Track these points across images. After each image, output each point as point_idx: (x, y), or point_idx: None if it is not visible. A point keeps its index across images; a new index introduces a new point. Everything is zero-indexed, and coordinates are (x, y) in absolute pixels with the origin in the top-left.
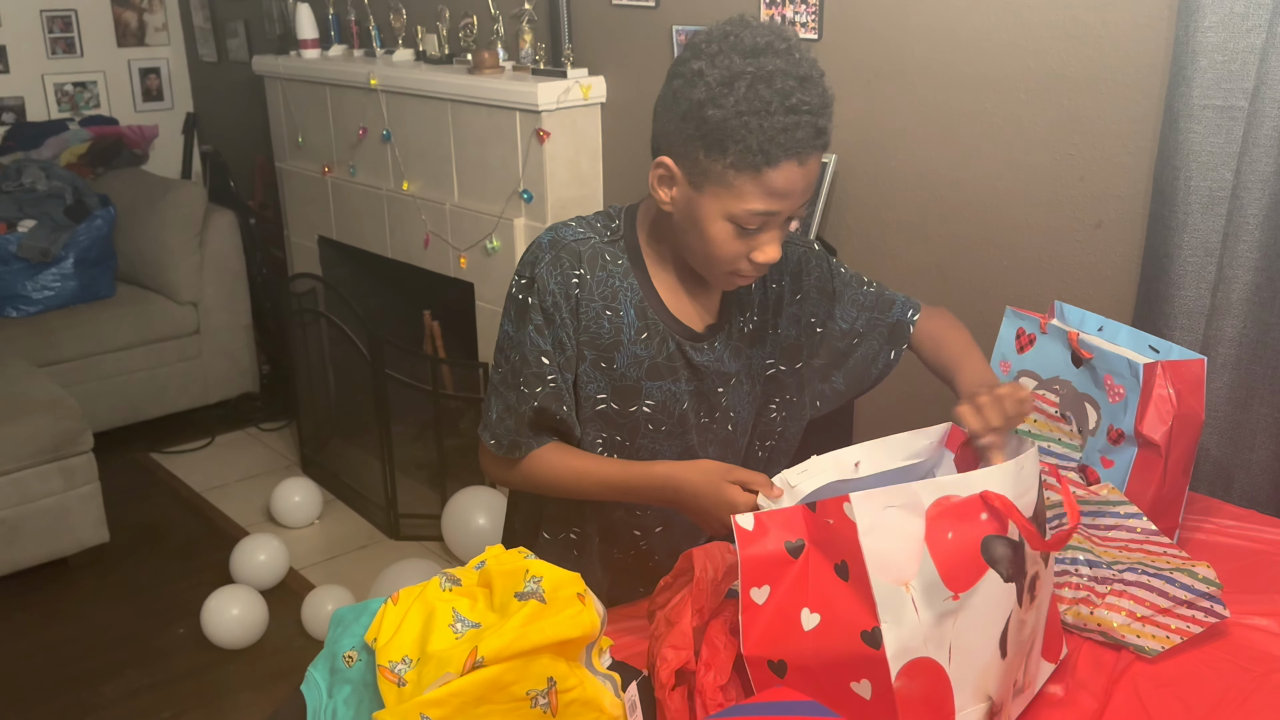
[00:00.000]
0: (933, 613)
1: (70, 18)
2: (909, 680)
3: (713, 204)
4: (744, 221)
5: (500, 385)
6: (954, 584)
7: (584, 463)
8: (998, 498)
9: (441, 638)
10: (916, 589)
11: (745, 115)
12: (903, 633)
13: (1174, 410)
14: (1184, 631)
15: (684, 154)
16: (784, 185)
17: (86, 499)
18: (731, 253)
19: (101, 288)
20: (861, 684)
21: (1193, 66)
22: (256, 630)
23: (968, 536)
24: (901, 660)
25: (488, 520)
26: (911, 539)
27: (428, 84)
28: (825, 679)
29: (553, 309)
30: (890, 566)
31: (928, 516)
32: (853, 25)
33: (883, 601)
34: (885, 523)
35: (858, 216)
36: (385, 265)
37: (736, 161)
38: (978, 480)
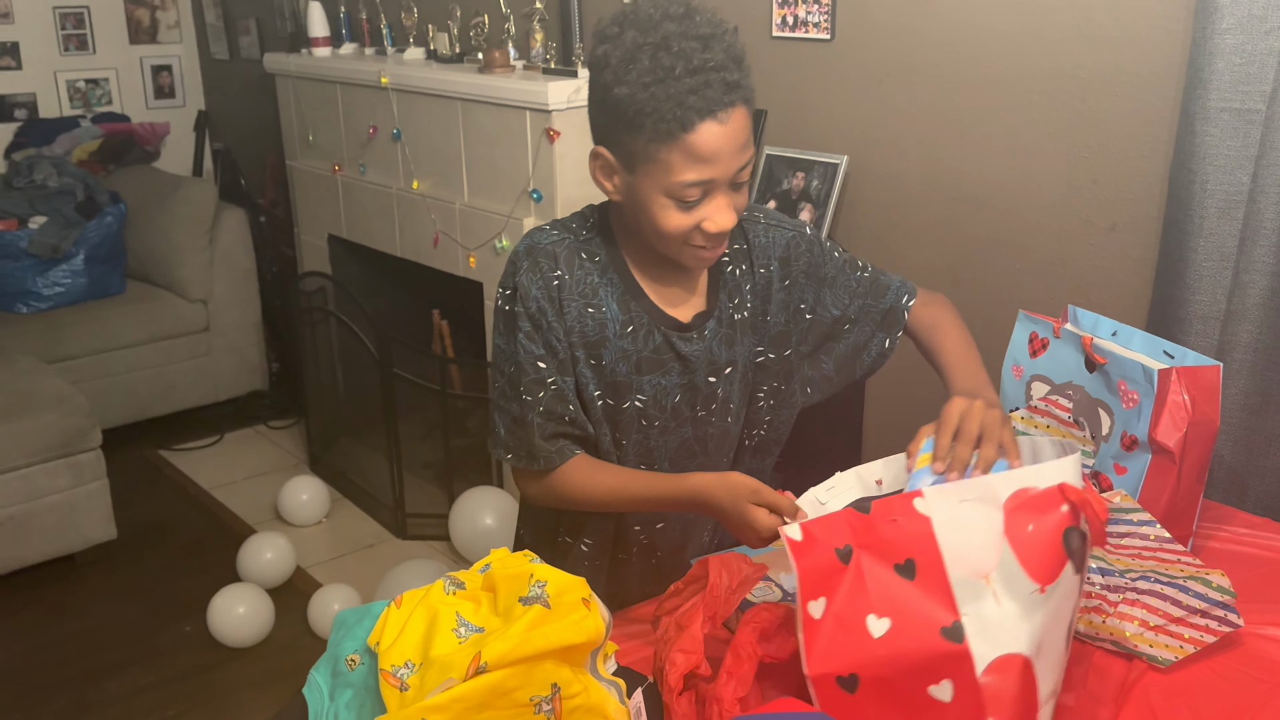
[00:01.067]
0: (1017, 605)
1: (83, 15)
2: (998, 677)
3: (648, 182)
4: (681, 194)
5: (502, 400)
6: (1039, 576)
7: (614, 478)
8: (1074, 490)
9: (445, 642)
10: (997, 581)
11: (651, 87)
12: (987, 625)
13: (1189, 417)
14: (1198, 641)
15: (611, 140)
16: (708, 148)
17: (94, 496)
18: (680, 228)
19: (111, 284)
20: (941, 686)
21: (1210, 69)
22: (263, 629)
23: (1049, 528)
24: (988, 653)
25: (495, 520)
26: (991, 532)
27: (438, 83)
28: (902, 686)
29: (538, 314)
30: (968, 559)
31: (1005, 509)
32: (865, 25)
33: (962, 595)
34: (962, 516)
35: (868, 217)
36: (394, 264)
37: (654, 135)
38: (1053, 472)
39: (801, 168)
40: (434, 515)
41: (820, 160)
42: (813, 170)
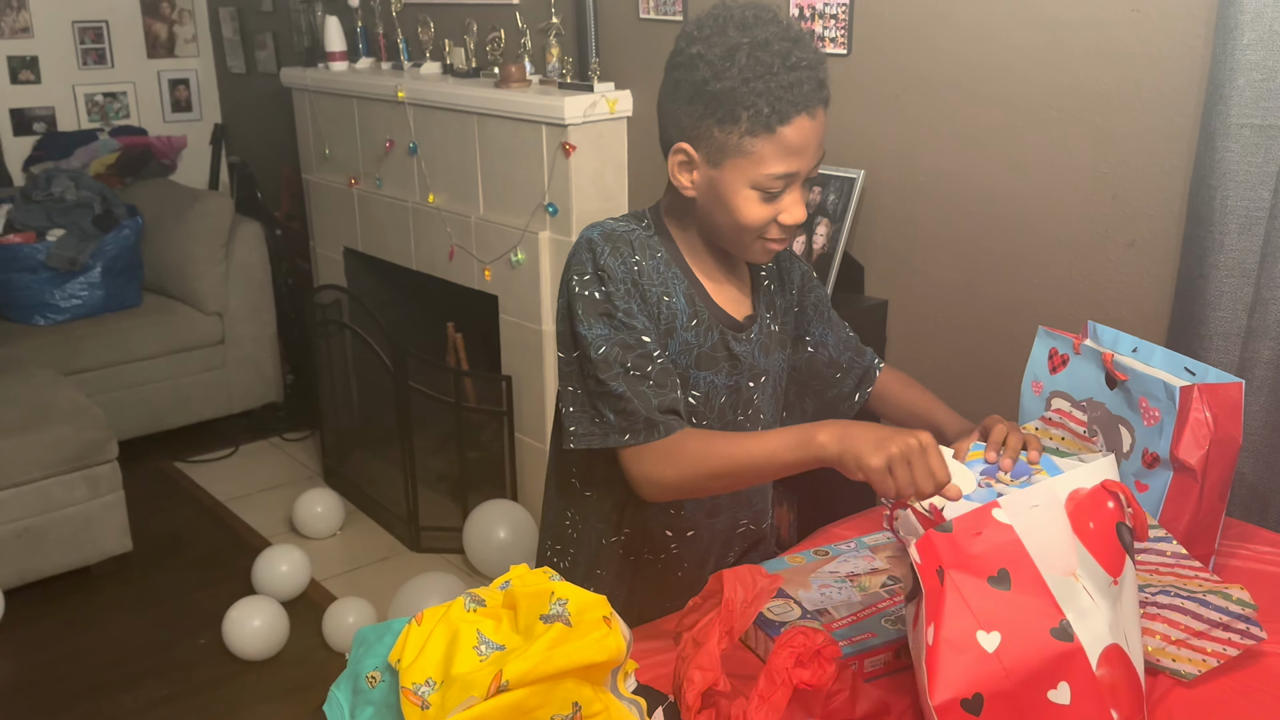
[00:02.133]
0: (1105, 599)
1: (101, 29)
2: (1109, 669)
3: (734, 176)
4: (767, 186)
5: (595, 385)
6: (1111, 569)
7: (732, 438)
8: (1117, 485)
9: (466, 660)
10: (1084, 577)
11: (751, 81)
12: (1089, 620)
13: (1211, 434)
14: (1220, 655)
15: (698, 135)
16: (799, 141)
17: (110, 508)
18: (760, 219)
19: (128, 297)
20: (1060, 689)
21: (1230, 85)
22: (277, 642)
23: (1105, 524)
24: (1097, 647)
25: (509, 533)
26: (1064, 532)
27: (455, 97)
28: (1024, 698)
29: (634, 289)
30: (1054, 560)
31: (1068, 510)
32: (882, 41)
33: (1060, 594)
34: (1036, 521)
35: (885, 233)
36: (410, 277)
37: (751, 127)
38: (1094, 472)
39: (818, 182)
40: (448, 528)
41: (837, 175)
42: (829, 184)
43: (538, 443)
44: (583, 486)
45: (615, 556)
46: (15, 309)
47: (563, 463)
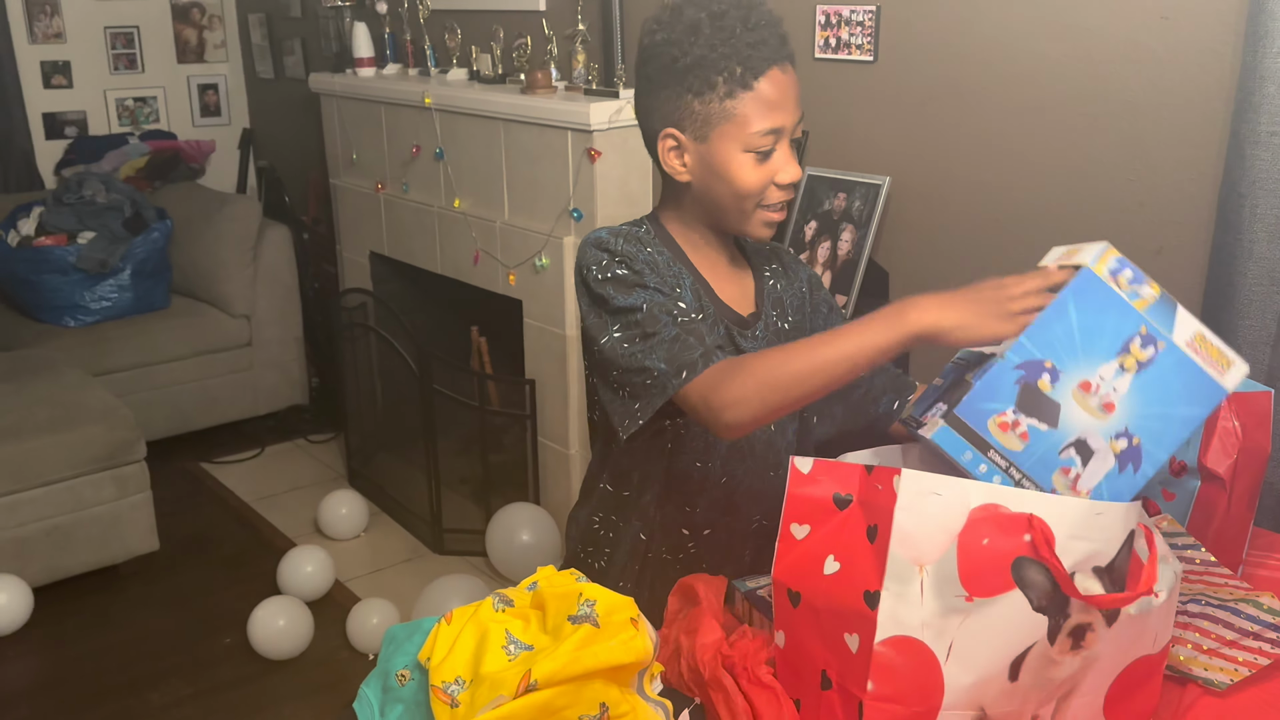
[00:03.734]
0: (939, 603)
1: (133, 34)
2: (893, 652)
3: (724, 144)
4: (757, 145)
5: (642, 341)
6: (970, 586)
7: (805, 344)
8: (1042, 526)
9: (495, 659)
10: (929, 574)
11: (718, 46)
12: (900, 607)
13: (1239, 443)
14: (1252, 664)
15: (681, 114)
16: (776, 94)
17: (138, 507)
18: (758, 182)
19: (157, 299)
20: (853, 637)
21: (1260, 93)
22: (302, 642)
23: (1002, 549)
24: (890, 630)
25: (531, 536)
26: (945, 530)
27: (481, 103)
28: (827, 621)
29: (653, 271)
30: (912, 545)
31: (970, 516)
32: (908, 47)
33: (893, 572)
34: (924, 507)
35: (911, 239)
36: (435, 281)
37: (729, 89)
38: (1031, 501)
39: (843, 188)
40: (471, 530)
41: (862, 181)
42: (855, 191)
43: (560, 446)
44: (616, 488)
45: (657, 560)
46: (46, 310)
47: (592, 471)
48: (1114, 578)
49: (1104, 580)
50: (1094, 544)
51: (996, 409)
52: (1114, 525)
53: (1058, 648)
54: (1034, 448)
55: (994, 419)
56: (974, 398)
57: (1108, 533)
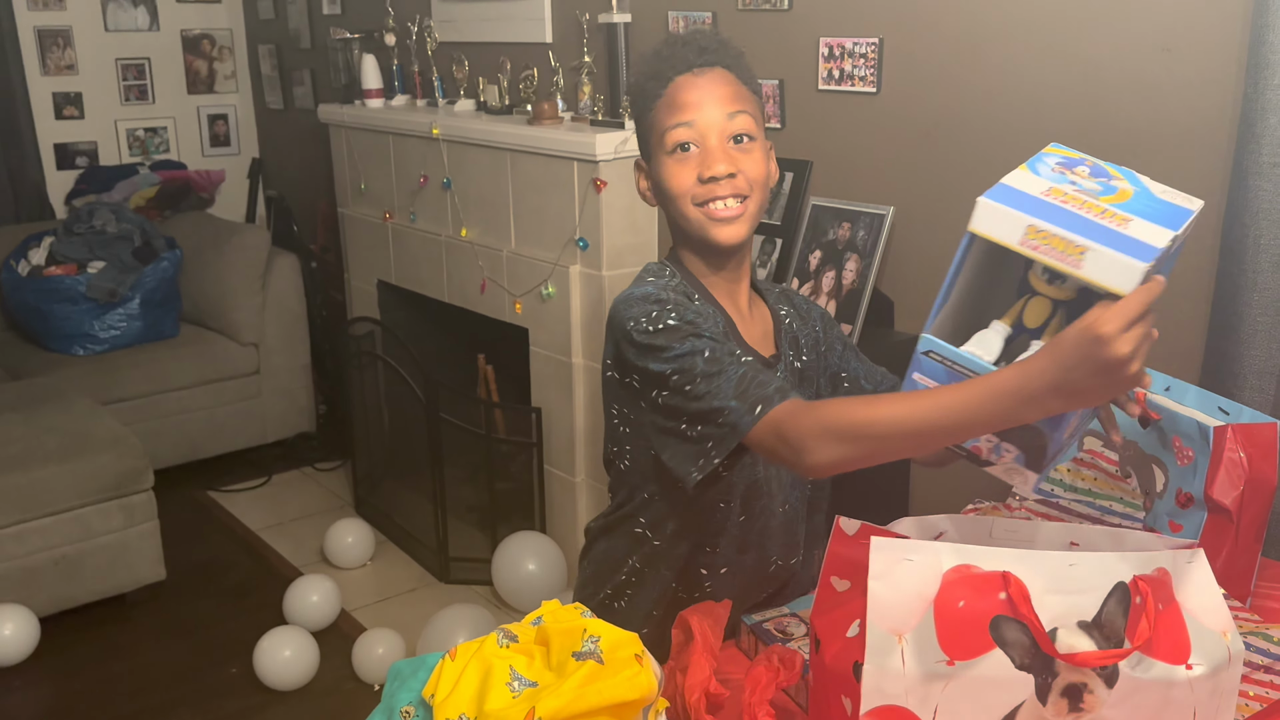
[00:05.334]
0: (921, 670)
1: (144, 66)
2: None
3: (658, 157)
4: (670, 142)
5: (717, 387)
6: (951, 650)
7: (916, 394)
8: (1017, 583)
9: (499, 696)
10: (909, 642)
11: (644, 68)
12: (883, 678)
13: (1245, 475)
14: (1264, 699)
15: (640, 145)
16: (684, 97)
17: (145, 536)
18: (685, 182)
19: (166, 328)
20: (847, 701)
21: (1262, 123)
22: (308, 672)
23: (979, 609)
24: (874, 701)
25: (537, 566)
26: (920, 596)
27: (488, 134)
28: (833, 680)
29: (697, 315)
30: (890, 615)
31: (944, 580)
32: (911, 79)
33: (873, 645)
34: (898, 573)
35: (916, 268)
36: (442, 310)
37: (646, 105)
38: (1003, 558)
39: (848, 218)
40: (477, 559)
41: (866, 211)
42: (859, 221)
43: (566, 475)
44: (653, 535)
45: (671, 599)
46: (56, 339)
47: (626, 513)
48: (1105, 633)
49: (1093, 636)
50: (1070, 597)
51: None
52: (1090, 576)
53: (1052, 709)
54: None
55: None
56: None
57: (1083, 584)
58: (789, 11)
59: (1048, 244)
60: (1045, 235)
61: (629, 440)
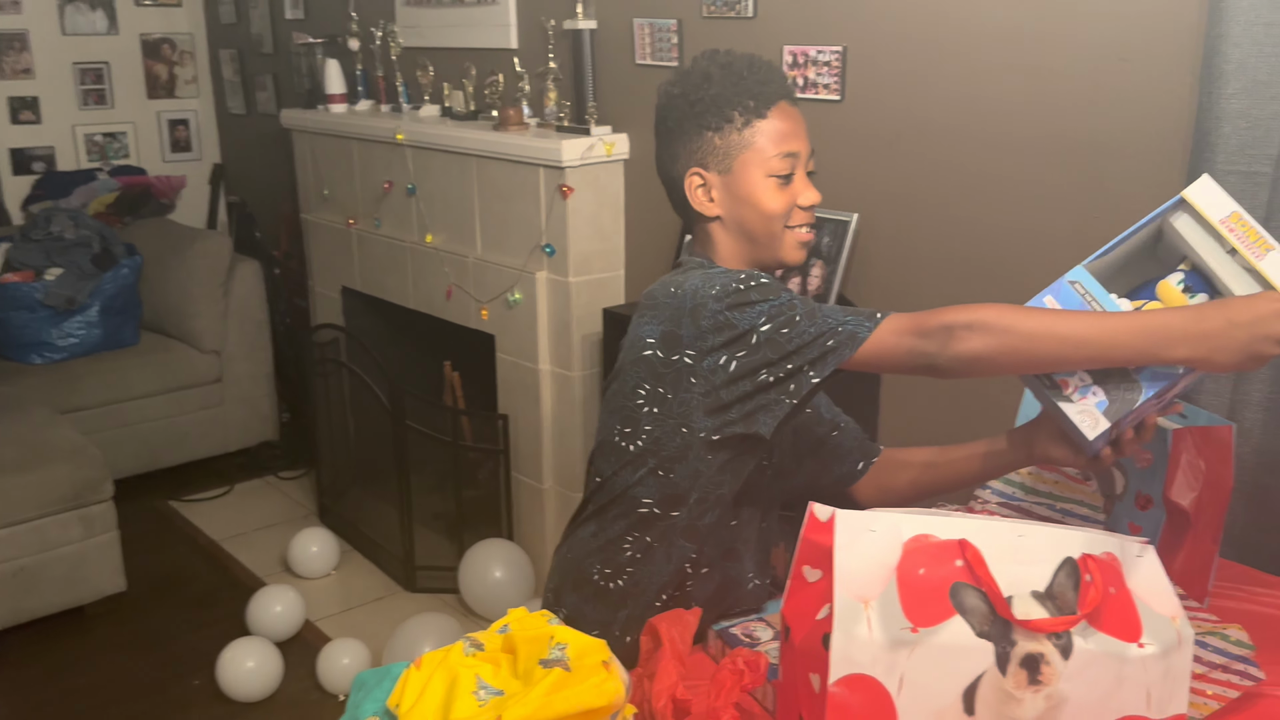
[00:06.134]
0: (887, 637)
1: (102, 70)
2: (847, 691)
3: (747, 171)
4: (777, 168)
5: (817, 315)
6: (914, 617)
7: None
8: (973, 550)
9: (465, 706)
10: (875, 609)
11: (730, 86)
12: (851, 645)
13: (1203, 477)
14: (1221, 697)
15: (703, 153)
16: (788, 124)
17: (105, 547)
18: (782, 205)
19: (126, 336)
20: (815, 676)
21: (1216, 132)
22: (272, 683)
23: (939, 576)
24: (842, 670)
25: (505, 573)
26: (883, 565)
27: (453, 139)
28: (801, 661)
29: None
30: (855, 583)
31: (905, 548)
32: (874, 89)
33: (840, 613)
34: (862, 543)
35: (879, 275)
36: (408, 316)
37: (745, 120)
38: (960, 526)
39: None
40: (444, 568)
41: (831, 218)
42: (824, 227)
43: (534, 482)
44: (664, 509)
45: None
46: (13, 348)
47: (632, 496)
48: (1058, 604)
49: (1046, 605)
50: (1021, 567)
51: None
52: (1039, 548)
53: (1012, 680)
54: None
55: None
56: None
57: (1032, 555)
58: (753, 20)
59: (1243, 230)
60: (1244, 224)
61: (651, 420)
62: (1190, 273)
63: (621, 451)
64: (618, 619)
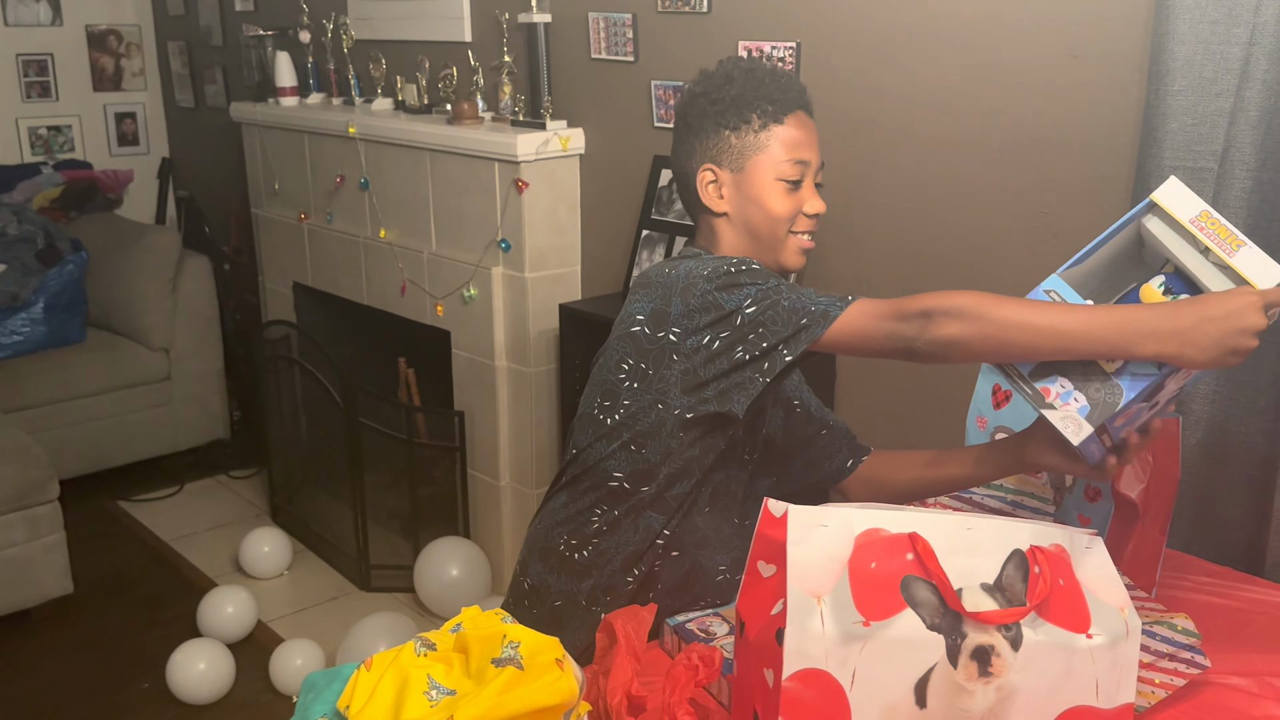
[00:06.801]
0: (839, 631)
1: (46, 62)
2: (801, 686)
3: (759, 173)
4: (789, 174)
5: (796, 296)
6: (866, 610)
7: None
8: (923, 543)
9: (416, 706)
10: (828, 603)
11: (751, 89)
12: (804, 640)
13: (1150, 468)
14: (1169, 686)
15: (718, 150)
16: (802, 133)
17: (51, 549)
18: (789, 210)
19: (72, 333)
20: (769, 672)
21: (1163, 128)
22: (223, 685)
23: (890, 570)
24: (796, 664)
25: (461, 571)
26: (835, 559)
27: (407, 133)
28: (755, 656)
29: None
30: (808, 578)
31: (856, 543)
32: (828, 85)
33: (794, 607)
34: (814, 538)
35: (832, 271)
36: (361, 312)
37: (762, 123)
38: (910, 520)
39: None
40: (399, 567)
41: None
42: None
43: (490, 478)
44: (634, 484)
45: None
46: None
47: (600, 470)
48: (1007, 595)
49: (995, 597)
50: (970, 559)
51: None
52: (987, 540)
53: (963, 672)
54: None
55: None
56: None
57: (981, 547)
58: (708, 14)
59: (1213, 229)
60: (1214, 222)
61: (630, 395)
62: (1172, 275)
63: (599, 424)
64: (582, 589)
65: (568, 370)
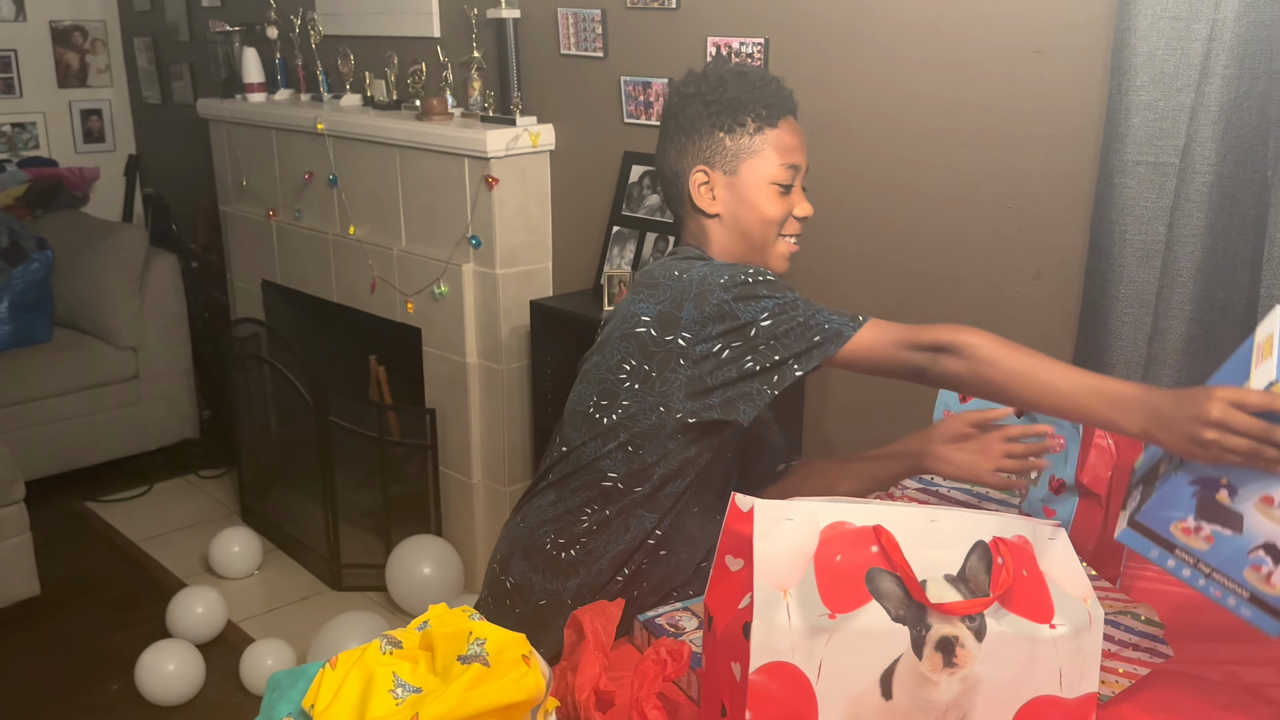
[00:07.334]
0: (805, 624)
1: (9, 58)
2: (768, 679)
3: (751, 176)
4: (781, 178)
5: (811, 311)
6: (831, 603)
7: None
8: (888, 536)
9: (381, 704)
10: (794, 596)
11: (745, 92)
12: (770, 634)
13: (1114, 461)
14: (1132, 675)
15: (711, 151)
16: (794, 137)
17: (17, 551)
18: (781, 212)
19: (38, 332)
20: (736, 665)
21: (1126, 124)
22: (193, 686)
23: (855, 563)
24: (762, 658)
25: (433, 570)
26: (801, 552)
27: (375, 129)
28: (723, 650)
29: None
30: (774, 572)
31: (822, 536)
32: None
33: (760, 601)
34: (780, 532)
35: (801, 264)
36: (331, 310)
37: (756, 126)
38: (875, 512)
39: None
40: (370, 565)
41: None
42: None
43: (462, 476)
44: (628, 485)
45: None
46: None
47: (592, 469)
48: (970, 587)
49: (959, 588)
50: (933, 551)
51: (1177, 516)
52: (951, 532)
53: (928, 663)
54: (1220, 548)
55: (1176, 524)
56: (1154, 506)
57: (944, 539)
58: (677, 11)
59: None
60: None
61: (630, 395)
62: None
63: (594, 423)
64: (567, 588)
65: (539, 367)
